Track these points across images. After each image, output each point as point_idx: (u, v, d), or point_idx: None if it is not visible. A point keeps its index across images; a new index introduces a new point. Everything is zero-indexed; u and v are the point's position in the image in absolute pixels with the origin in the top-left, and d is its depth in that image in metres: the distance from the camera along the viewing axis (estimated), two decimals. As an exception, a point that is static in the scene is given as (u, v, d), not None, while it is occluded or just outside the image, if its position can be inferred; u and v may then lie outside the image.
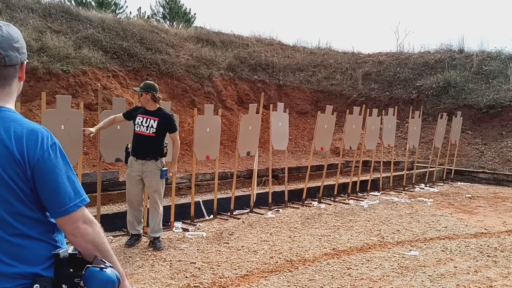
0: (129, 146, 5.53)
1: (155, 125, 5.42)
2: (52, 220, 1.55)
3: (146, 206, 5.93)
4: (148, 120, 5.40)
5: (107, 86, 10.91)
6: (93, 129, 5.44)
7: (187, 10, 23.50)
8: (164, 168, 5.54)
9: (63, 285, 1.51)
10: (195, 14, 23.66)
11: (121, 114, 5.62)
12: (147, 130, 5.39)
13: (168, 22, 22.08)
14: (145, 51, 13.25)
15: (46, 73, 10.14)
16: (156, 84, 5.63)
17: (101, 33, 12.75)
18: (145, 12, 21.86)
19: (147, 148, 5.39)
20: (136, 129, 5.40)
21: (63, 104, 5.45)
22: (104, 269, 1.51)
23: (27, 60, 1.64)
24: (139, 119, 5.42)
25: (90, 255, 1.55)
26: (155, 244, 5.53)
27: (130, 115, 5.56)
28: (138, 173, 5.43)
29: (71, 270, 1.54)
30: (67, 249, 1.57)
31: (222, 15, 48.66)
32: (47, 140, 1.50)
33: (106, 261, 1.55)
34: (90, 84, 10.69)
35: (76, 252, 1.56)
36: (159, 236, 5.63)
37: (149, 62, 12.94)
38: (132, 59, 12.61)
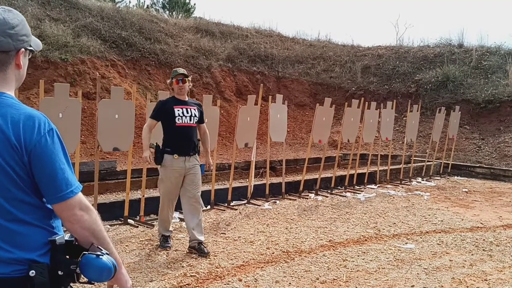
0: (158, 144, 4.95)
1: (197, 114, 4.98)
2: (49, 206, 1.54)
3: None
4: (189, 109, 4.91)
5: (105, 75, 10.88)
6: (147, 153, 4.93)
7: (187, 0, 23.37)
8: (202, 163, 5.11)
9: (59, 272, 1.51)
10: (194, 4, 23.53)
11: (151, 119, 4.99)
12: (190, 120, 4.89)
13: (167, 12, 21.98)
14: (144, 40, 13.20)
15: (44, 61, 10.11)
16: None
17: (100, 22, 12.69)
18: (144, 1, 21.70)
19: (191, 140, 4.91)
20: (177, 121, 4.81)
21: (61, 92, 5.42)
22: (101, 256, 1.51)
23: (31, 48, 1.61)
24: (178, 110, 4.85)
25: (87, 242, 1.55)
26: (201, 249, 4.94)
27: (162, 113, 4.93)
28: (180, 171, 4.86)
29: (68, 256, 1.54)
30: (63, 236, 1.57)
31: (222, 6, 48.40)
32: (44, 125, 1.49)
33: (102, 249, 1.55)
34: (89, 73, 10.66)
35: (73, 239, 1.56)
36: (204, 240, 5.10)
37: (148, 52, 12.90)
38: (131, 48, 12.57)
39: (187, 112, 4.89)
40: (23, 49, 1.57)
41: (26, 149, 1.46)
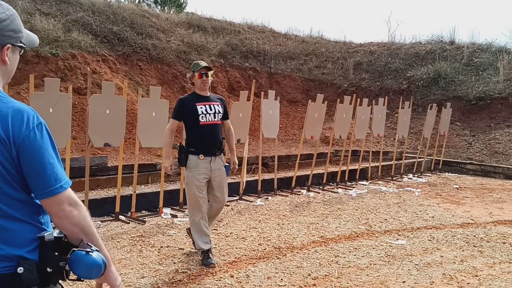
0: (181, 144, 4.68)
1: (221, 110, 4.65)
2: (38, 201, 1.52)
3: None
4: (212, 106, 4.58)
5: (96, 70, 10.80)
6: (169, 162, 4.64)
7: (179, -5, 23.26)
8: (226, 164, 4.77)
9: (48, 269, 1.49)
10: (186, -1, 23.38)
11: (173, 120, 4.64)
12: (215, 117, 4.57)
13: (159, 7, 21.85)
14: (135, 35, 13.12)
15: (35, 56, 10.02)
16: None
17: (91, 17, 12.59)
18: (136, -4, 21.56)
19: (217, 139, 4.61)
20: (201, 120, 4.49)
21: (51, 87, 5.38)
22: (90, 253, 1.49)
23: (20, 45, 1.58)
24: (201, 108, 4.52)
25: (76, 239, 1.53)
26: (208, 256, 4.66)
27: (184, 112, 4.60)
28: (207, 173, 4.54)
29: (57, 253, 1.52)
30: (52, 232, 1.54)
31: (214, 1, 48.22)
32: (33, 119, 1.47)
33: (92, 245, 1.53)
34: (80, 68, 10.58)
35: (62, 235, 1.54)
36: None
37: (140, 47, 12.82)
38: (122, 43, 12.49)
39: (211, 109, 4.57)
40: (9, 45, 1.54)
41: (14, 143, 1.44)
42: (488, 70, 14.99)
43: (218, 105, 4.65)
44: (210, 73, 4.62)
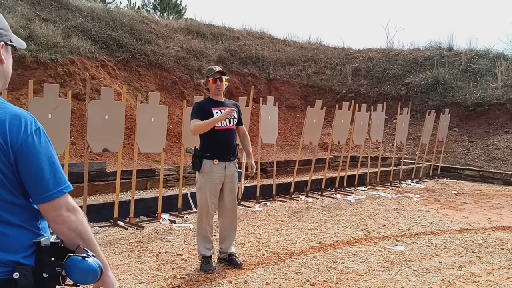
0: (195, 148, 4.60)
1: (236, 115, 4.61)
2: (36, 206, 1.52)
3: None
4: None
5: (95, 76, 10.82)
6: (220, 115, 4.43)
7: (178, 1, 23.35)
8: (239, 170, 4.75)
9: (44, 274, 1.48)
10: (186, 5, 23.59)
11: (196, 119, 4.50)
12: (230, 123, 4.53)
13: (158, 13, 21.92)
14: (134, 41, 13.15)
15: (34, 61, 10.03)
16: None
17: (90, 23, 12.63)
18: (135, 2, 21.68)
19: (232, 144, 4.58)
20: (216, 125, 4.43)
21: (50, 93, 5.38)
22: (86, 258, 1.49)
23: (12, 44, 1.57)
24: (216, 112, 4.46)
25: (73, 244, 1.53)
26: (234, 260, 4.72)
27: (201, 114, 4.49)
28: (220, 178, 4.51)
29: (53, 258, 1.51)
30: (49, 237, 1.54)
31: (213, 7, 48.44)
32: (31, 124, 1.47)
33: (88, 250, 1.53)
34: (79, 74, 10.60)
35: (59, 240, 1.53)
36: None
37: (139, 53, 12.85)
38: (121, 49, 12.52)
39: None
40: (2, 43, 1.53)
41: (12, 149, 1.43)
42: (486, 76, 15.04)
43: (234, 110, 4.56)
44: (224, 78, 4.56)
